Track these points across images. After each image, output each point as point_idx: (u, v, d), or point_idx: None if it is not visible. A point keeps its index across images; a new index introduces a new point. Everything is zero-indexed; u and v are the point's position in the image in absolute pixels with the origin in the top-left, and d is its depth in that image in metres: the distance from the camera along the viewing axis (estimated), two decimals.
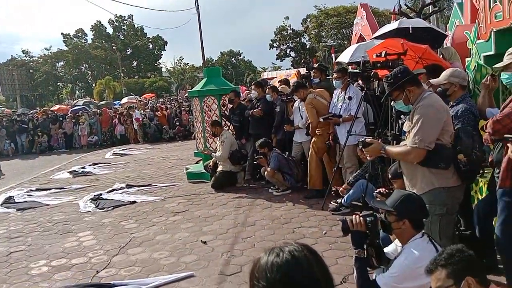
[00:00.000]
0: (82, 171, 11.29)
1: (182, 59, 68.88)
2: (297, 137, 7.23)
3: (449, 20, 11.44)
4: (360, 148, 3.50)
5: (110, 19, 61.97)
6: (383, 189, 4.04)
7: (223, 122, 8.61)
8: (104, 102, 33.19)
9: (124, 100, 29.19)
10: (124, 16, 63.14)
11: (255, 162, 7.82)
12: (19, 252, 5.41)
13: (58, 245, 5.55)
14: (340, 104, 6.27)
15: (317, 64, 7.95)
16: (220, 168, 7.91)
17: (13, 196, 8.75)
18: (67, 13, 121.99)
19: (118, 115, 18.59)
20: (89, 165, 12.14)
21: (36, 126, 18.68)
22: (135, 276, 4.37)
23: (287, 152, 7.31)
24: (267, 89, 8.13)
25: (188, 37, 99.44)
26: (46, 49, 63.94)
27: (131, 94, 32.27)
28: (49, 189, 9.26)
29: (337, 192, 5.96)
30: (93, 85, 56.42)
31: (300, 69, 10.73)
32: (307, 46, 52.90)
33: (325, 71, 7.66)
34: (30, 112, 25.94)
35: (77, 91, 64.00)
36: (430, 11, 14.01)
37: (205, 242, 5.12)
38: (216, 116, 8.72)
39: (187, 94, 18.42)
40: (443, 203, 3.04)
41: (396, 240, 2.88)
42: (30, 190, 9.30)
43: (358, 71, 5.59)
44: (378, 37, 7.72)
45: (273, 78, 18.79)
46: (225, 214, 6.26)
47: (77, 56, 58.96)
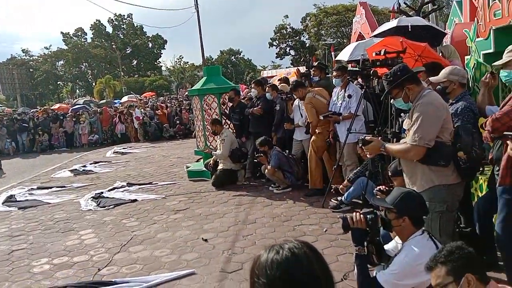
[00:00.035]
0: (83, 170, 11.32)
1: (182, 57, 69.00)
2: (297, 135, 7.24)
3: (448, 18, 11.43)
4: (360, 146, 3.52)
5: (110, 18, 61.99)
6: (383, 186, 4.05)
7: (223, 121, 8.62)
8: (104, 101, 33.21)
9: (124, 98, 29.20)
10: (124, 15, 63.11)
11: (255, 160, 7.84)
12: (21, 251, 5.43)
13: (60, 243, 5.58)
14: (340, 102, 6.27)
15: (317, 63, 7.95)
16: (220, 166, 7.93)
17: (14, 195, 8.77)
18: (67, 12, 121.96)
19: (119, 114, 18.61)
20: (90, 164, 12.16)
21: (37, 125, 18.70)
22: (137, 273, 4.38)
23: (287, 150, 7.32)
24: (267, 88, 8.15)
25: (187, 36, 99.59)
26: (46, 48, 63.91)
27: (131, 92, 32.27)
28: (50, 187, 9.28)
29: (337, 190, 5.98)
30: (93, 84, 56.42)
31: (299, 67, 10.72)
32: (307, 45, 52.83)
33: (325, 69, 7.66)
34: (31, 111, 25.98)
35: (77, 90, 63.96)
36: (429, 9, 13.99)
37: (206, 240, 5.14)
38: (216, 114, 8.73)
39: (187, 92, 18.43)
40: (443, 201, 3.05)
41: (396, 237, 2.90)
42: (32, 188, 9.32)
43: (358, 69, 5.60)
44: (377, 35, 7.73)
45: (273, 76, 18.79)
46: (226, 212, 6.28)
47: (77, 55, 58.93)
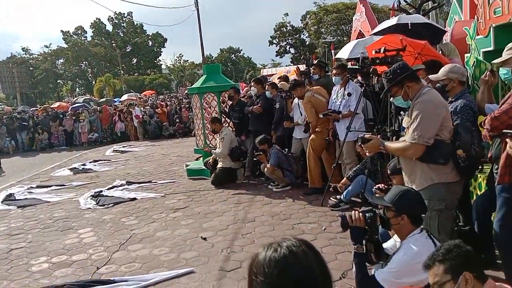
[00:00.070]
0: (83, 168, 11.32)
1: (182, 56, 68.96)
2: (296, 133, 7.23)
3: (448, 16, 11.40)
4: (359, 144, 3.51)
5: (110, 16, 61.78)
6: (382, 184, 4.04)
7: (223, 119, 8.62)
8: (104, 100, 33.19)
9: (124, 97, 29.15)
10: (124, 13, 62.90)
11: (255, 159, 7.83)
12: (19, 249, 5.43)
13: (59, 241, 5.58)
14: (340, 100, 6.26)
15: (317, 61, 7.92)
16: (220, 165, 7.93)
17: (13, 194, 8.77)
18: (67, 11, 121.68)
19: (118, 112, 18.60)
20: (90, 162, 12.16)
21: (37, 124, 18.72)
22: (136, 272, 4.38)
23: (286, 149, 7.32)
24: (267, 86, 8.13)
25: (187, 34, 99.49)
26: (46, 46, 63.75)
27: (131, 91, 32.23)
28: (50, 186, 9.28)
29: (336, 189, 5.98)
30: (93, 82, 56.35)
31: (299, 65, 10.71)
32: (307, 43, 52.80)
33: (325, 67, 7.65)
34: (30, 109, 25.98)
35: (77, 89, 63.90)
36: (430, 7, 13.95)
37: (205, 239, 5.14)
38: (215, 113, 8.72)
39: (187, 91, 18.41)
40: (442, 199, 3.05)
41: (395, 235, 2.89)
42: (31, 187, 9.32)
43: (357, 67, 5.58)
44: (377, 33, 7.70)
45: (272, 74, 18.75)
46: (225, 210, 6.28)
47: (77, 53, 58.83)
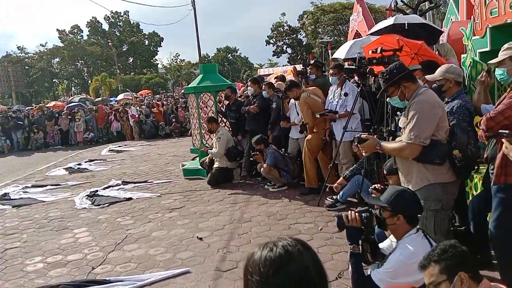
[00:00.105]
0: (78, 168, 11.27)
1: (179, 55, 68.76)
2: (293, 133, 7.22)
3: (445, 16, 11.44)
4: (355, 144, 3.51)
5: (106, 15, 61.69)
6: (379, 185, 4.05)
7: (219, 119, 8.60)
8: (100, 99, 33.04)
9: (120, 96, 29.07)
10: (120, 12, 62.85)
11: (251, 159, 7.83)
12: (14, 249, 5.40)
13: (54, 241, 5.55)
14: (336, 100, 6.26)
15: (313, 60, 7.92)
16: (216, 165, 7.91)
17: (8, 193, 8.72)
18: (63, 10, 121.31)
19: (114, 112, 18.53)
20: (85, 162, 12.11)
21: (32, 123, 18.62)
22: (131, 272, 4.36)
23: (283, 149, 7.31)
24: (264, 86, 8.13)
25: (184, 33, 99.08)
26: (42, 45, 63.60)
27: (127, 90, 32.19)
28: (45, 185, 9.24)
29: (332, 189, 5.97)
30: (89, 81, 56.19)
31: (296, 65, 10.68)
32: (304, 43, 52.85)
33: (322, 67, 7.65)
34: (26, 108, 25.84)
35: (73, 88, 63.67)
36: (426, 8, 14.01)
37: (201, 239, 5.13)
38: (212, 112, 8.70)
39: (183, 90, 18.38)
40: (438, 199, 3.05)
41: (391, 235, 2.89)
42: (26, 186, 9.27)
43: (354, 67, 5.58)
44: (374, 33, 7.71)
45: (269, 74, 18.75)
46: (221, 210, 6.26)
47: (73, 52, 58.65)
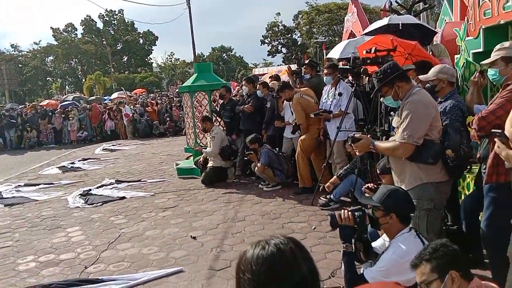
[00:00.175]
0: (72, 167, 11.21)
1: (173, 54, 68.71)
2: (287, 133, 7.22)
3: (439, 17, 11.49)
4: (349, 143, 3.52)
5: (101, 13, 61.32)
6: (372, 184, 4.06)
7: (214, 118, 8.59)
8: (94, 98, 32.91)
9: (114, 95, 28.94)
10: (115, 11, 62.52)
11: (245, 158, 7.81)
12: (6, 248, 5.36)
13: (46, 240, 5.51)
14: (330, 100, 6.27)
15: (308, 60, 7.93)
16: (210, 164, 7.90)
17: (1, 192, 8.66)
18: (57, 8, 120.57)
19: (108, 111, 18.45)
20: (79, 161, 12.05)
21: (25, 121, 18.52)
22: (124, 271, 4.35)
23: (277, 148, 7.31)
24: (258, 85, 8.13)
25: (179, 32, 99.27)
26: (35, 43, 63.22)
27: (121, 89, 32.01)
28: (38, 184, 9.18)
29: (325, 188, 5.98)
30: (83, 80, 55.85)
31: (291, 65, 10.67)
32: (299, 43, 52.88)
33: (316, 67, 7.65)
34: (19, 107, 25.63)
35: (66, 86, 63.27)
36: (421, 8, 14.05)
37: (194, 238, 5.12)
38: (206, 111, 8.69)
39: (177, 89, 18.33)
40: (431, 198, 3.06)
41: (384, 235, 2.90)
42: (19, 185, 9.21)
43: (348, 67, 5.59)
44: (368, 33, 7.73)
45: (264, 74, 18.75)
46: (215, 209, 6.26)
47: (67, 50, 58.33)
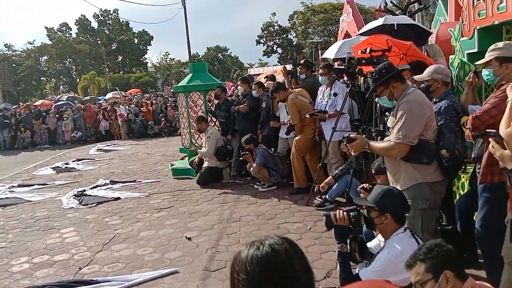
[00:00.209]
0: (66, 167, 11.14)
1: (168, 54, 68.48)
2: (283, 133, 7.21)
3: (433, 17, 11.54)
4: (344, 143, 3.52)
5: (95, 13, 61.10)
6: (367, 184, 4.06)
7: (209, 118, 8.57)
8: (88, 97, 32.77)
9: (109, 95, 28.82)
10: (109, 10, 62.32)
11: (241, 158, 7.81)
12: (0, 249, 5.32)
13: (40, 241, 5.48)
14: (326, 100, 6.28)
15: (303, 60, 7.93)
16: (205, 164, 7.88)
17: None
18: (51, 7, 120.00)
19: (102, 111, 18.37)
20: (73, 161, 11.98)
21: (19, 122, 18.40)
22: (119, 272, 4.33)
23: (272, 148, 7.31)
24: (253, 85, 8.12)
25: (174, 32, 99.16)
26: (30, 43, 62.91)
27: (116, 89, 31.90)
28: (32, 185, 9.12)
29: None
30: (78, 80, 55.61)
31: (286, 65, 10.66)
32: (294, 43, 52.97)
33: (311, 67, 7.66)
34: (13, 107, 25.49)
35: (61, 86, 63.01)
36: (416, 9, 14.11)
37: (189, 238, 5.10)
38: (202, 111, 8.67)
39: (172, 89, 18.29)
40: (426, 198, 3.07)
41: (379, 235, 2.91)
42: (12, 186, 9.14)
43: (344, 67, 5.60)
44: (363, 34, 7.74)
45: (259, 74, 18.74)
46: (210, 210, 6.24)
47: (61, 50, 58.11)
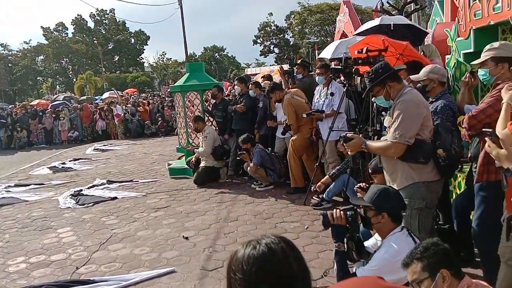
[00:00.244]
0: (62, 167, 11.10)
1: (165, 54, 68.18)
2: (280, 132, 7.23)
3: (430, 18, 11.56)
4: (341, 143, 3.53)
5: (91, 12, 60.88)
6: (364, 183, 4.07)
7: (206, 118, 8.57)
8: (85, 97, 32.64)
9: (105, 95, 28.74)
10: (106, 10, 62.11)
11: (238, 158, 7.81)
12: None
13: (37, 241, 5.46)
14: (323, 100, 6.29)
15: (300, 60, 7.95)
16: (202, 164, 7.88)
17: None
18: (47, 7, 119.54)
19: (99, 110, 18.32)
20: (70, 161, 11.95)
21: (15, 121, 18.31)
22: (116, 272, 4.32)
23: (270, 148, 7.32)
24: (250, 85, 8.12)
25: (171, 32, 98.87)
26: (26, 42, 62.57)
27: (112, 89, 31.82)
28: (28, 185, 9.09)
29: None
30: (74, 79, 55.41)
31: (283, 65, 10.64)
32: (291, 43, 52.95)
33: (308, 67, 7.67)
34: (9, 106, 25.36)
35: (57, 86, 62.74)
36: (412, 9, 14.13)
37: (186, 238, 5.10)
38: (198, 111, 8.67)
39: (169, 89, 18.25)
40: (423, 198, 3.08)
41: (376, 234, 2.91)
42: (9, 186, 9.10)
43: (340, 67, 5.60)
44: (360, 34, 7.75)
45: (256, 74, 18.75)
46: (208, 209, 6.24)
47: (58, 50, 57.87)
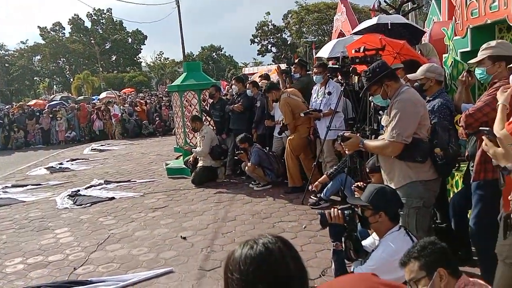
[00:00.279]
0: (60, 167, 11.08)
1: (162, 53, 68.12)
2: (277, 132, 7.23)
3: (427, 17, 11.58)
4: (339, 142, 3.53)
5: (89, 12, 60.65)
6: (361, 182, 4.07)
7: (204, 117, 8.56)
8: (82, 97, 32.58)
9: (103, 95, 28.68)
10: (103, 10, 61.93)
11: (235, 157, 7.81)
12: None
13: (34, 242, 5.45)
14: (320, 99, 6.30)
15: (297, 59, 7.94)
16: (200, 164, 7.87)
17: None
18: (44, 6, 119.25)
19: (96, 110, 18.29)
20: (67, 161, 11.93)
21: (12, 122, 18.27)
22: (114, 272, 4.31)
23: (267, 147, 7.32)
24: (248, 84, 8.12)
25: (168, 31, 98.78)
26: (22, 42, 62.27)
27: (109, 89, 31.77)
28: (26, 185, 9.07)
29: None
30: (71, 79, 55.24)
31: (281, 64, 10.63)
32: (288, 42, 52.94)
33: (306, 66, 7.66)
34: (6, 107, 25.29)
35: (54, 86, 62.56)
36: (409, 8, 14.14)
37: (184, 238, 5.10)
38: (196, 111, 8.66)
39: (167, 89, 18.25)
40: (420, 196, 3.08)
41: (374, 233, 2.91)
42: (6, 186, 9.07)
43: (338, 66, 5.61)
44: (357, 33, 7.74)
45: (254, 73, 18.74)
46: (205, 209, 6.23)
47: (55, 50, 57.72)
